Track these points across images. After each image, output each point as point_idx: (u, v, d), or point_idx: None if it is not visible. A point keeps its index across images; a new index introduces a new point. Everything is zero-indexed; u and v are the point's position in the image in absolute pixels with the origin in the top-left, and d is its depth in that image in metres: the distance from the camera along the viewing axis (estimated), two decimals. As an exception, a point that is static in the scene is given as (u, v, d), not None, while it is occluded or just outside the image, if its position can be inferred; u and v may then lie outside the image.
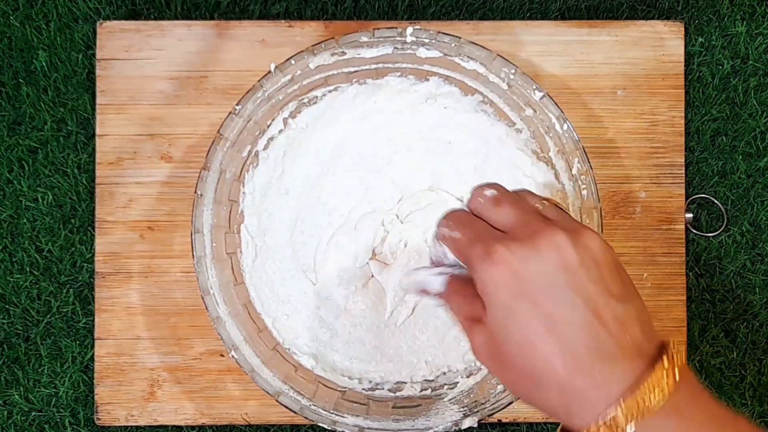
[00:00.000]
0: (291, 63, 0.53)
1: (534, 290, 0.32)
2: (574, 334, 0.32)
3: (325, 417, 0.51)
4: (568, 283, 0.32)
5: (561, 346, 0.32)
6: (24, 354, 0.58)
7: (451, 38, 0.52)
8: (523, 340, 0.33)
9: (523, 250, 0.33)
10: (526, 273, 0.32)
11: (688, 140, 0.59)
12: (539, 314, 0.32)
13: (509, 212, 0.35)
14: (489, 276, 0.33)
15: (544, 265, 0.32)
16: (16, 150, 0.58)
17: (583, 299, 0.32)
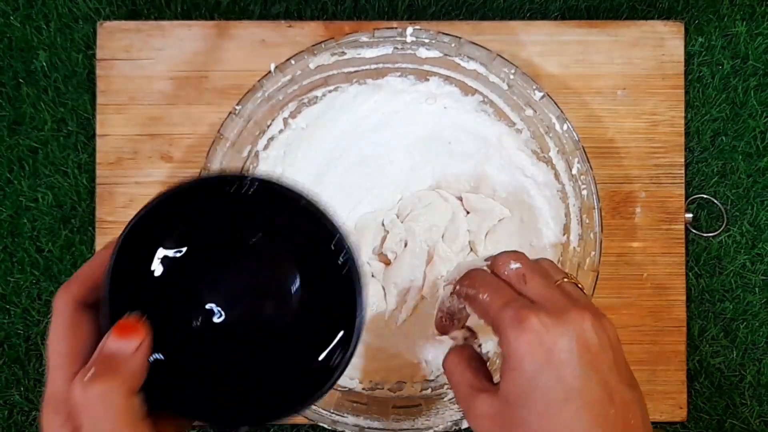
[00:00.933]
0: (291, 63, 0.53)
1: (559, 362, 0.34)
2: (590, 409, 0.34)
3: (325, 417, 0.51)
4: (589, 362, 0.34)
5: (577, 415, 0.33)
6: (24, 354, 0.58)
7: (451, 38, 0.52)
8: (544, 407, 0.34)
9: (553, 324, 0.34)
10: (553, 345, 0.34)
11: (688, 140, 0.59)
12: (563, 385, 0.34)
13: (535, 289, 0.37)
14: (520, 343, 0.34)
15: (570, 341, 0.34)
16: (17, 150, 0.58)
17: (600, 379, 0.34)
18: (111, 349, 0.30)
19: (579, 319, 0.35)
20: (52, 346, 0.31)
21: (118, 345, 0.30)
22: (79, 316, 0.31)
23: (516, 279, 0.37)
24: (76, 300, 0.31)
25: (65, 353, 0.30)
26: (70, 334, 0.31)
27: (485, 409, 0.36)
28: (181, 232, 0.32)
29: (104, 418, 0.29)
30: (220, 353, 0.33)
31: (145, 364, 0.30)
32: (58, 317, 0.31)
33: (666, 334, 0.57)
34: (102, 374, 0.29)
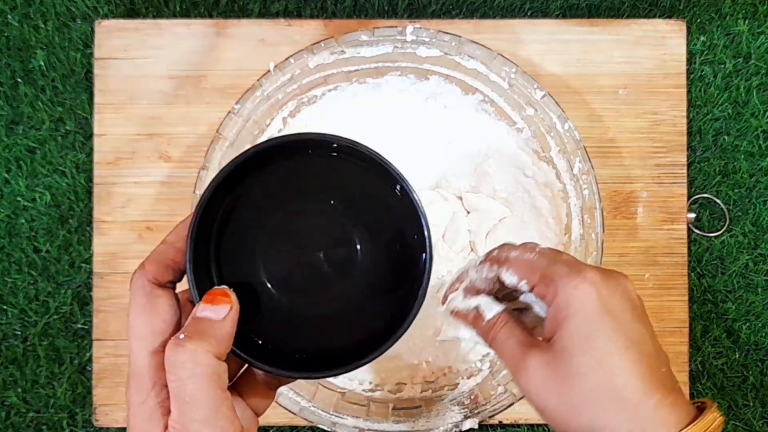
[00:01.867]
0: (290, 62, 0.52)
1: (616, 313, 0.34)
2: (648, 360, 0.34)
3: (324, 418, 0.51)
4: (639, 317, 0.35)
5: (639, 367, 0.34)
6: (22, 355, 0.58)
7: (452, 37, 0.52)
8: (604, 355, 0.34)
9: (605, 279, 0.35)
10: (609, 298, 0.35)
11: (690, 140, 0.58)
12: (622, 334, 0.34)
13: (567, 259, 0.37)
14: (578, 290, 0.35)
15: (621, 296, 0.35)
16: (14, 149, 0.58)
17: (648, 332, 0.35)
18: (201, 316, 0.32)
19: (623, 278, 0.36)
20: (133, 324, 0.32)
21: (207, 312, 0.32)
22: (155, 294, 0.32)
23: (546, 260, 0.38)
24: (150, 280, 0.33)
25: (145, 330, 0.32)
26: (149, 311, 0.32)
27: (538, 363, 0.35)
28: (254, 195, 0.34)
29: (190, 378, 0.30)
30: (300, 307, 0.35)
31: (233, 331, 0.32)
32: (136, 297, 0.32)
33: (668, 335, 0.57)
34: (192, 337, 0.31)
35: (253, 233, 0.34)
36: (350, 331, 0.35)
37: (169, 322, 0.32)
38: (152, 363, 0.32)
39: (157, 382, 0.31)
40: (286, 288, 0.34)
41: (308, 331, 0.35)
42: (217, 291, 0.32)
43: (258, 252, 0.34)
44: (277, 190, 0.35)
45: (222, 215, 0.34)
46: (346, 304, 0.35)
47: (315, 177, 0.35)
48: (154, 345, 0.32)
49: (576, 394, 0.34)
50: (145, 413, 0.31)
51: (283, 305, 0.34)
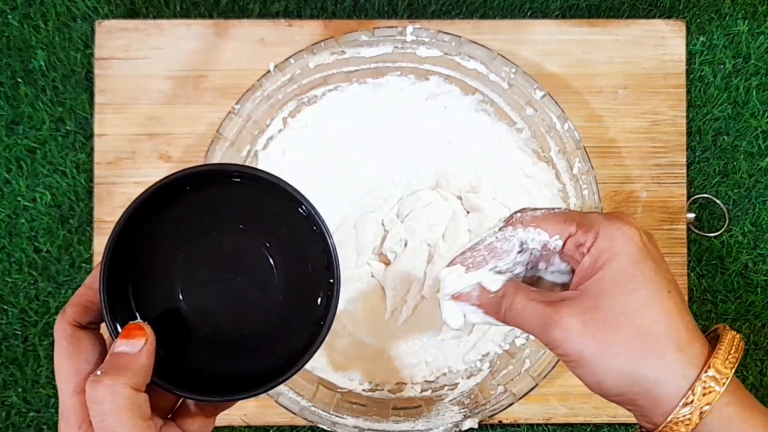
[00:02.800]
0: (290, 62, 0.52)
1: (656, 257, 0.35)
2: (683, 307, 0.34)
3: (324, 418, 0.51)
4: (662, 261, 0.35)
5: (682, 312, 0.34)
6: (22, 355, 0.58)
7: (452, 37, 0.52)
8: (650, 296, 0.33)
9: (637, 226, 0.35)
10: (648, 242, 0.35)
11: (690, 140, 0.58)
12: (664, 277, 0.34)
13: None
14: (621, 231, 0.34)
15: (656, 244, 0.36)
16: (15, 150, 0.58)
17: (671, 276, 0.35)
18: (118, 351, 0.33)
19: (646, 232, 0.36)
20: (58, 367, 0.33)
21: (123, 347, 0.33)
22: (76, 337, 0.34)
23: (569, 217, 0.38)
24: (72, 323, 0.34)
25: (69, 372, 0.33)
26: (71, 353, 0.33)
27: (573, 311, 0.34)
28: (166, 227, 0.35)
29: (110, 411, 0.31)
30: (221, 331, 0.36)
31: (150, 363, 0.33)
32: (59, 341, 0.34)
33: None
34: (109, 372, 0.32)
35: (169, 264, 0.35)
36: (272, 350, 0.36)
37: (91, 362, 0.34)
38: (77, 402, 0.33)
39: (84, 420, 0.33)
40: (206, 313, 0.35)
41: (231, 353, 0.36)
42: (132, 326, 0.33)
43: (175, 281, 0.35)
44: (188, 219, 0.36)
45: (135, 251, 0.35)
46: (266, 323, 0.36)
47: (223, 204, 0.36)
48: (79, 385, 0.33)
49: (620, 336, 0.33)
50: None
51: (204, 330, 0.35)
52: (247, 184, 0.36)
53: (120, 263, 0.34)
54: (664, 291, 0.34)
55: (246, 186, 0.36)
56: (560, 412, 0.56)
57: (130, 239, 0.34)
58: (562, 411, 0.56)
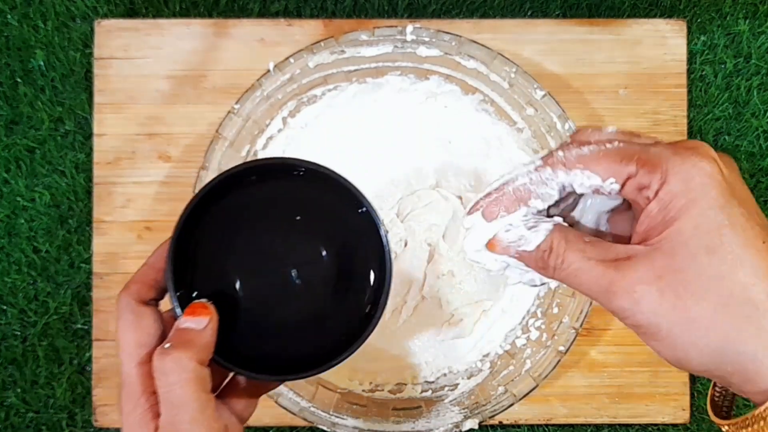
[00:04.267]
0: (290, 62, 0.52)
1: (744, 198, 0.28)
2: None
3: (324, 419, 0.51)
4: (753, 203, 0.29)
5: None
6: (21, 355, 0.57)
7: (452, 37, 0.52)
8: (743, 253, 0.27)
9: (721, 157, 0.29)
10: (733, 179, 0.28)
11: (691, 140, 0.58)
12: (753, 222, 0.27)
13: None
14: (698, 168, 0.28)
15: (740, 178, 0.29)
16: (14, 149, 0.58)
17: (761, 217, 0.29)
18: (184, 327, 0.34)
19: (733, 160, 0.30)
20: (122, 340, 0.35)
21: (189, 323, 0.34)
22: (140, 311, 0.35)
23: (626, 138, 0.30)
24: (135, 299, 0.35)
25: (132, 344, 0.34)
26: (135, 327, 0.35)
27: (644, 275, 0.28)
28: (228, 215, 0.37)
29: (177, 383, 0.32)
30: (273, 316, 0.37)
31: (213, 340, 0.34)
32: (123, 314, 0.35)
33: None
34: (177, 346, 0.33)
35: (228, 248, 0.37)
36: (320, 337, 0.37)
37: (153, 335, 0.35)
38: (140, 373, 0.34)
39: (145, 389, 0.34)
40: (260, 299, 0.37)
41: (281, 337, 0.37)
42: (197, 304, 0.35)
43: (232, 267, 0.37)
44: (250, 208, 0.37)
45: (198, 235, 0.36)
46: (316, 311, 0.38)
47: (284, 196, 0.38)
48: (141, 356, 0.34)
49: (707, 305, 0.27)
50: (136, 418, 0.34)
51: (256, 315, 0.37)
52: (309, 178, 0.37)
53: (183, 246, 0.36)
54: (759, 243, 0.27)
55: (307, 180, 0.37)
56: (561, 413, 0.56)
57: (194, 225, 0.36)
58: (563, 412, 0.56)
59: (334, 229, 0.38)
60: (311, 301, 0.38)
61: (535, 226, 0.30)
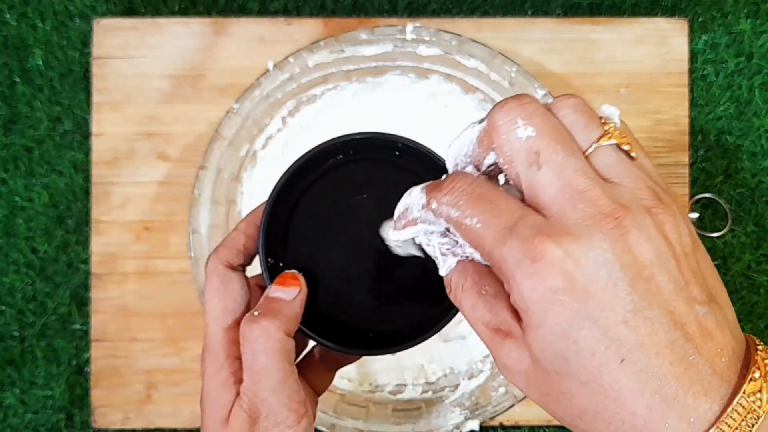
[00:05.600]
0: (289, 61, 0.52)
1: (597, 306, 0.24)
2: (656, 361, 0.24)
3: (324, 420, 0.51)
4: (643, 292, 0.24)
5: (640, 379, 0.24)
6: (19, 356, 0.57)
7: (452, 36, 0.52)
8: (590, 376, 0.25)
9: (580, 248, 0.24)
10: (585, 282, 0.24)
11: (692, 139, 0.58)
12: (608, 339, 0.24)
13: (552, 179, 0.25)
14: (534, 290, 0.25)
15: (610, 270, 0.24)
16: (12, 149, 0.58)
17: (662, 311, 0.24)
18: (274, 296, 0.34)
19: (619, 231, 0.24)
20: (209, 304, 0.35)
21: (279, 293, 0.34)
22: (228, 277, 0.35)
23: (525, 159, 0.26)
24: (224, 263, 0.36)
25: (219, 309, 0.35)
26: (222, 292, 0.35)
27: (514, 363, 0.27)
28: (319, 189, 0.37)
29: (263, 351, 0.32)
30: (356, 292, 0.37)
31: (301, 311, 0.34)
32: (211, 279, 0.35)
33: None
34: (265, 314, 0.33)
35: (319, 224, 0.37)
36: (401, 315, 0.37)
37: (240, 302, 0.35)
38: (225, 338, 0.34)
39: (230, 354, 0.34)
40: (345, 274, 0.37)
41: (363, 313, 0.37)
42: (288, 275, 0.35)
43: (322, 241, 0.37)
44: (343, 185, 0.37)
45: (291, 206, 0.37)
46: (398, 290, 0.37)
47: (376, 174, 0.38)
48: (227, 322, 0.35)
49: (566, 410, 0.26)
50: (219, 381, 0.34)
51: (341, 290, 0.37)
52: (406, 157, 0.37)
53: (276, 213, 0.36)
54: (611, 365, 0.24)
55: (403, 159, 0.37)
56: (562, 414, 0.56)
57: (288, 192, 0.36)
58: (564, 412, 0.56)
59: None
60: (395, 280, 0.37)
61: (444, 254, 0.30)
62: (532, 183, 0.26)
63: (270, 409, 0.33)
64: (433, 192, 0.29)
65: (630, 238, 0.24)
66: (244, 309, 0.35)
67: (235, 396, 0.34)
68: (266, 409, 0.33)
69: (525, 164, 0.26)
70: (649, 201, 0.25)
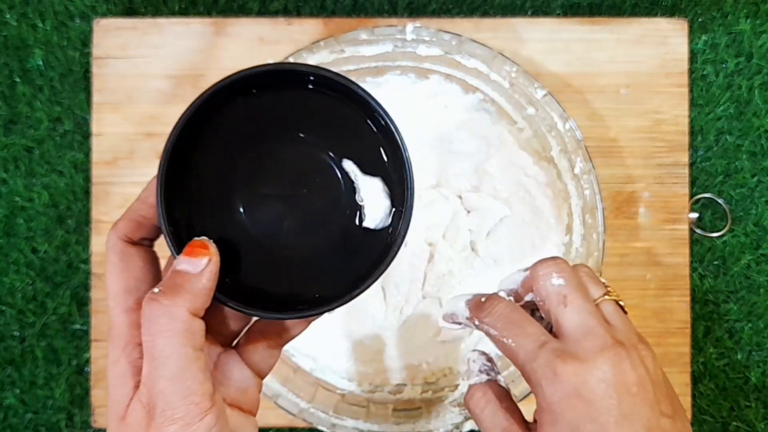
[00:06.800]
0: (289, 61, 0.52)
1: (598, 411, 0.33)
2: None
3: (324, 420, 0.51)
4: (629, 405, 0.33)
5: None
6: (20, 355, 0.57)
7: (452, 36, 0.52)
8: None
9: (588, 370, 0.33)
10: (590, 395, 0.33)
11: (692, 139, 0.58)
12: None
13: (574, 316, 0.35)
14: (555, 394, 0.33)
15: (608, 387, 0.33)
16: (12, 149, 0.58)
17: (641, 418, 0.33)
18: (179, 269, 0.30)
19: (616, 359, 0.33)
20: (108, 284, 0.32)
21: (185, 265, 0.30)
22: (127, 253, 0.32)
23: (556, 300, 0.35)
24: (123, 239, 0.32)
25: (118, 288, 0.32)
26: (121, 270, 0.32)
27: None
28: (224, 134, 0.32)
29: (162, 332, 0.29)
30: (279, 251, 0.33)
31: (211, 285, 0.31)
32: (110, 256, 0.32)
33: (670, 336, 0.56)
34: (167, 292, 0.30)
35: (229, 174, 0.32)
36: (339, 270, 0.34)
37: (142, 280, 0.32)
38: (128, 321, 0.31)
39: (130, 341, 0.31)
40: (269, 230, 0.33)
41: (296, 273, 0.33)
42: (196, 243, 0.31)
43: (235, 195, 0.32)
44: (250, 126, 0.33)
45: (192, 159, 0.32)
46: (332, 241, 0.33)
47: (290, 111, 0.33)
48: (128, 303, 0.31)
49: None
50: (118, 372, 0.31)
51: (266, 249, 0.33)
52: (316, 90, 0.32)
53: (177, 173, 0.31)
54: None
55: (315, 93, 0.32)
56: (561, 414, 0.56)
57: (188, 146, 0.31)
58: (564, 412, 0.56)
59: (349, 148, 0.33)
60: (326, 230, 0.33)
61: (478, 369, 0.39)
62: (559, 316, 0.35)
63: (166, 402, 0.29)
64: (476, 311, 0.37)
65: (623, 365, 0.33)
66: (147, 288, 0.31)
67: (133, 389, 0.30)
68: (162, 402, 0.29)
69: (555, 303, 0.35)
70: (635, 341, 0.35)
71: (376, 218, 0.33)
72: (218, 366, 0.34)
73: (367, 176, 0.33)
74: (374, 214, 0.33)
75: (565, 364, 0.33)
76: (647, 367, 0.34)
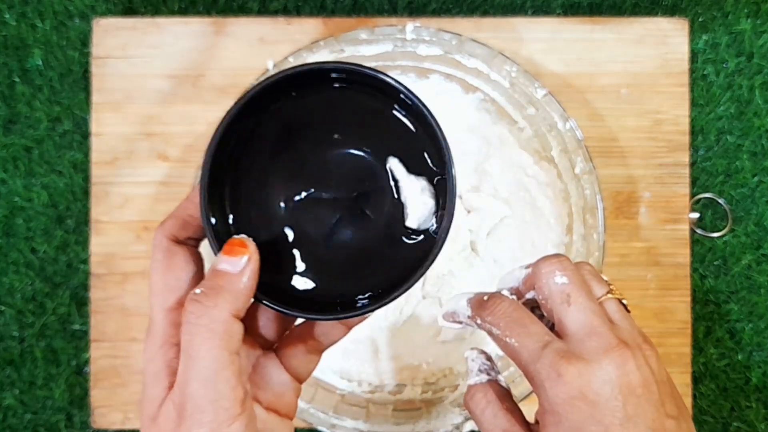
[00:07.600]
0: (289, 61, 0.52)
1: (602, 413, 0.32)
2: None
3: (324, 420, 0.51)
4: (633, 406, 0.33)
5: None
6: (19, 356, 0.57)
7: (452, 35, 0.52)
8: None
9: (593, 371, 0.33)
10: (595, 396, 0.32)
11: (693, 139, 0.58)
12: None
13: (578, 315, 0.34)
14: (558, 396, 0.33)
15: (613, 388, 0.33)
16: (11, 149, 0.57)
17: (646, 419, 0.33)
18: (219, 269, 0.30)
19: (621, 360, 0.33)
20: (152, 281, 0.32)
21: (225, 264, 0.30)
22: (172, 251, 0.32)
23: (559, 299, 0.35)
24: (169, 237, 0.32)
25: (161, 287, 0.31)
26: (165, 268, 0.32)
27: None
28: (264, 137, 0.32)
29: (200, 333, 0.29)
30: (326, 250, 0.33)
31: (251, 284, 0.30)
32: (155, 254, 0.32)
33: (671, 336, 0.56)
34: (208, 292, 0.29)
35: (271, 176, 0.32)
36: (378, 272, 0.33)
37: (184, 279, 0.32)
38: (167, 320, 0.31)
39: (167, 340, 0.31)
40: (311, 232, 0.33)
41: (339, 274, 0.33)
42: (235, 241, 0.31)
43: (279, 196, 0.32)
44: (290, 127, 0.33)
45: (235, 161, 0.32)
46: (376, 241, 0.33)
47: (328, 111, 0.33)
48: (169, 302, 0.31)
49: None
50: (153, 369, 0.31)
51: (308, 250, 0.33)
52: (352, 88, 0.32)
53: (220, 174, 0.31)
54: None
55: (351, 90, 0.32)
56: (562, 414, 0.56)
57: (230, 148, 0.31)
58: (564, 413, 0.56)
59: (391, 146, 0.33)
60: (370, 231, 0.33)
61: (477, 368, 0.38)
62: (563, 316, 0.34)
63: (195, 405, 0.29)
64: (478, 310, 0.36)
65: (627, 366, 0.33)
66: (190, 287, 0.31)
67: (167, 389, 0.30)
68: (191, 404, 0.29)
69: (558, 302, 0.34)
70: (639, 341, 0.34)
71: (420, 217, 0.33)
72: (257, 369, 0.34)
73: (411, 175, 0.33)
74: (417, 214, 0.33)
75: (570, 365, 0.33)
76: (652, 368, 0.34)
